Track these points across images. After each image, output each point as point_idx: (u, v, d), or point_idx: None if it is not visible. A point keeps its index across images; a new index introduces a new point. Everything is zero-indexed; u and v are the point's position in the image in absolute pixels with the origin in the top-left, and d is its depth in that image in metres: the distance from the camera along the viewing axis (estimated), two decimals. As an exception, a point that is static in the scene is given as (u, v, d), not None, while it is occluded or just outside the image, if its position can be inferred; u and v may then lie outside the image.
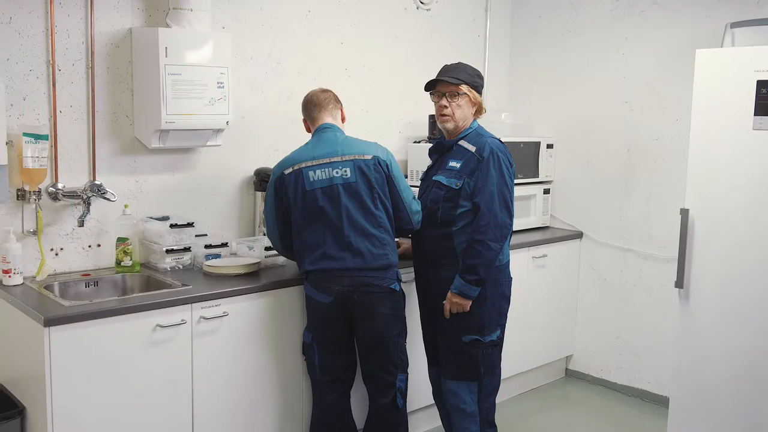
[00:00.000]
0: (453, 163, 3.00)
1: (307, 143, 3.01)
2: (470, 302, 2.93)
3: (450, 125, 3.04)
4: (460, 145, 3.02)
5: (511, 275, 3.12)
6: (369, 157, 2.91)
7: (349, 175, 2.87)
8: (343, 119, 3.10)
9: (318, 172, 2.87)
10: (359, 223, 2.87)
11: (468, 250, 2.90)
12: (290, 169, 2.91)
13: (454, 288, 2.93)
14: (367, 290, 2.88)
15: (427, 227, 3.06)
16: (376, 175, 2.90)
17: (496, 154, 2.93)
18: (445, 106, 3.01)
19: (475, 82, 3.04)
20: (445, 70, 3.06)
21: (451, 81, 2.99)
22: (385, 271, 2.91)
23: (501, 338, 3.08)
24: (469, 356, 3.00)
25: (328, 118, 3.02)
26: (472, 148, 2.98)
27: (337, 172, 2.87)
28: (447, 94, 3.01)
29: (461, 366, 3.02)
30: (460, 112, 3.01)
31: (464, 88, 2.99)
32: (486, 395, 3.05)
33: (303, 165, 2.89)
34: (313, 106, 3.03)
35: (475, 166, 2.93)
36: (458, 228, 2.96)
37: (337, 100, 3.08)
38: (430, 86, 3.06)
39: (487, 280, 2.94)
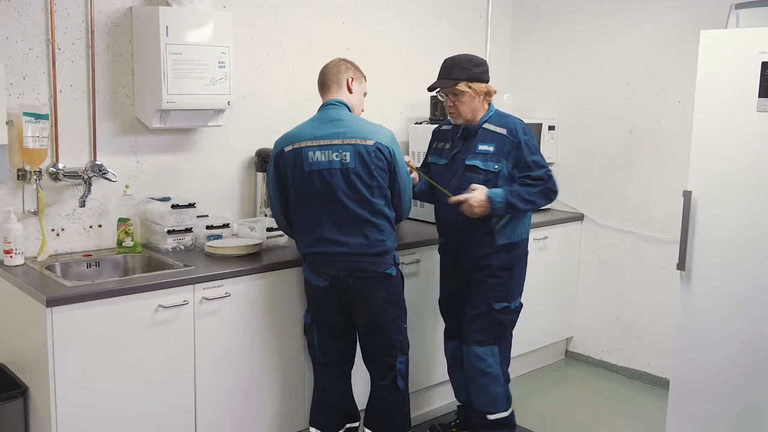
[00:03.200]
0: (484, 147, 3.05)
1: (310, 120, 2.92)
2: (485, 209, 2.94)
3: (459, 121, 3.11)
4: (486, 129, 3.06)
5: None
6: (371, 143, 2.80)
7: (348, 160, 2.77)
8: (349, 90, 2.95)
9: (318, 153, 2.80)
10: (355, 210, 2.80)
11: (538, 192, 3.05)
12: (290, 147, 2.85)
13: (494, 195, 2.94)
14: (363, 276, 2.84)
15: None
16: (377, 161, 2.80)
17: (527, 132, 3.05)
18: (451, 105, 3.07)
19: (473, 73, 3.02)
20: (443, 69, 3.09)
21: (445, 85, 3.03)
22: (381, 257, 2.87)
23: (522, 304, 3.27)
24: (498, 322, 3.14)
25: (333, 94, 2.95)
26: (503, 131, 3.04)
27: (336, 156, 2.78)
28: (449, 93, 3.05)
29: (489, 331, 3.14)
30: (465, 107, 3.04)
31: (462, 86, 3.00)
32: (505, 356, 3.22)
33: (303, 144, 2.82)
34: (320, 85, 2.99)
35: (511, 147, 3.01)
36: None
37: (347, 69, 2.96)
38: (431, 88, 3.11)
39: (514, 251, 3.14)
